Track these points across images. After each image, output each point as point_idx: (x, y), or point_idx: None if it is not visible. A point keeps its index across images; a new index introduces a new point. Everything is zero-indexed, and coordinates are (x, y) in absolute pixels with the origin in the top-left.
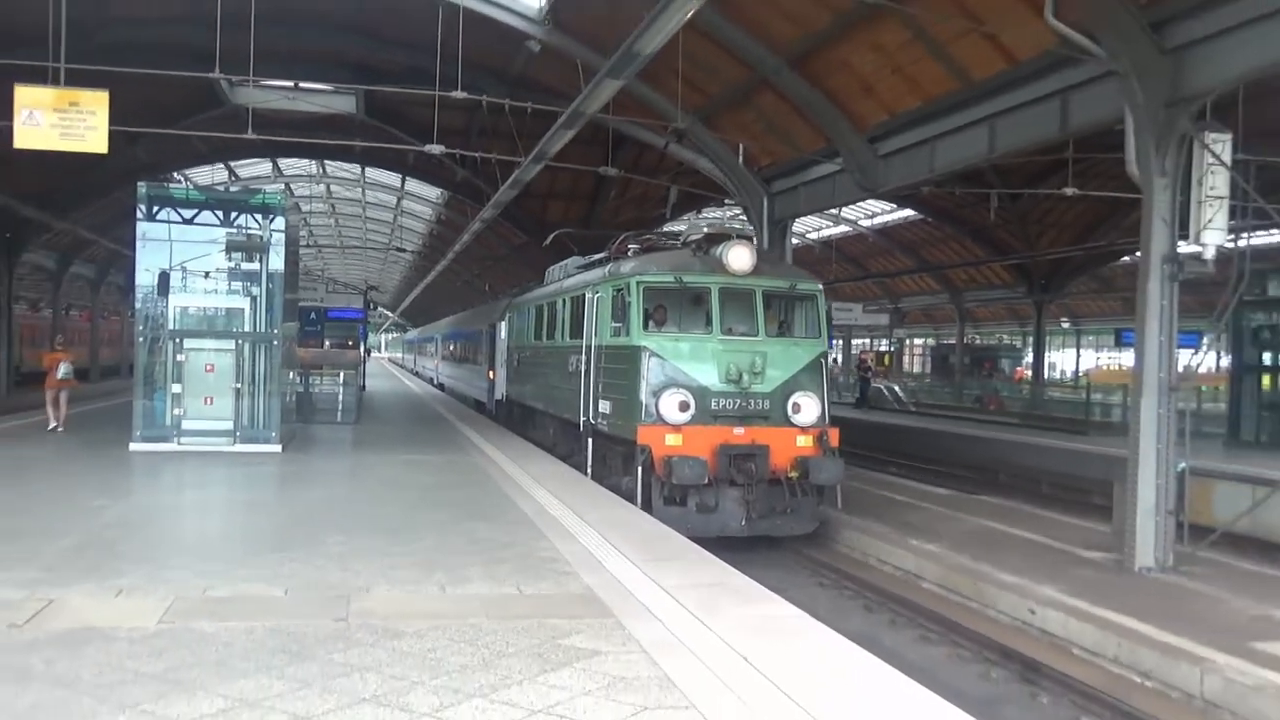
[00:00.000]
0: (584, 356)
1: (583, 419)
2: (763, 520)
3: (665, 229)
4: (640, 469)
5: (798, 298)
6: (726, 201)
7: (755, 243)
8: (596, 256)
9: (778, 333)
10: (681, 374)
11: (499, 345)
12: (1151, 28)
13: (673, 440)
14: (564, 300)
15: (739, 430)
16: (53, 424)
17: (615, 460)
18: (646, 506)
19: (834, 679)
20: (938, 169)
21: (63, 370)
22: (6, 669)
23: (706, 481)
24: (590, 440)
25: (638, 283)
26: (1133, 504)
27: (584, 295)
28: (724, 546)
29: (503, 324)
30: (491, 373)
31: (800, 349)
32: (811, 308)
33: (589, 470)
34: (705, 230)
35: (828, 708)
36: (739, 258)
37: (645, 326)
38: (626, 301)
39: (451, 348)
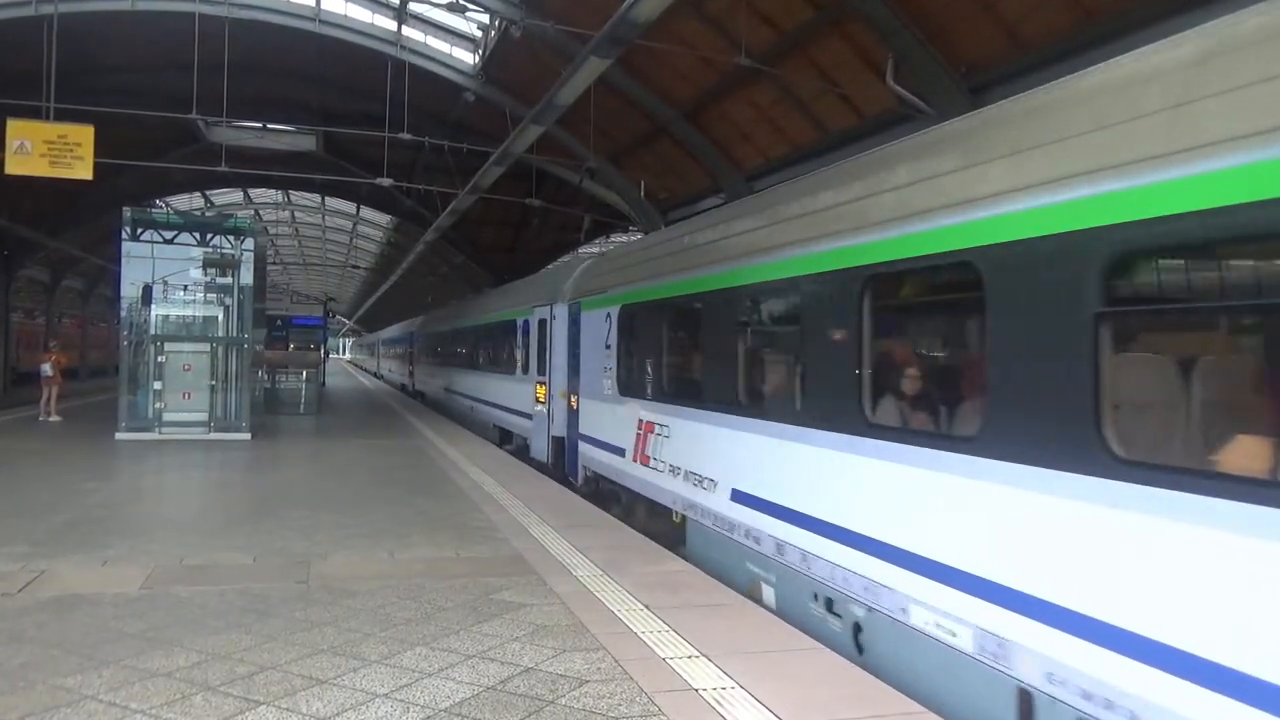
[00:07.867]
0: None
1: None
2: None
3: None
4: None
5: None
6: (631, 228)
7: None
8: None
9: None
10: None
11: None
12: (970, 92)
13: None
14: None
15: None
16: (41, 415)
17: None
18: None
19: (716, 618)
20: None
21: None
22: (0, 633)
23: None
24: None
25: None
26: None
27: None
28: None
29: None
30: None
31: None
32: None
33: None
34: None
35: (711, 640)
36: None
37: None
38: None
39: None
